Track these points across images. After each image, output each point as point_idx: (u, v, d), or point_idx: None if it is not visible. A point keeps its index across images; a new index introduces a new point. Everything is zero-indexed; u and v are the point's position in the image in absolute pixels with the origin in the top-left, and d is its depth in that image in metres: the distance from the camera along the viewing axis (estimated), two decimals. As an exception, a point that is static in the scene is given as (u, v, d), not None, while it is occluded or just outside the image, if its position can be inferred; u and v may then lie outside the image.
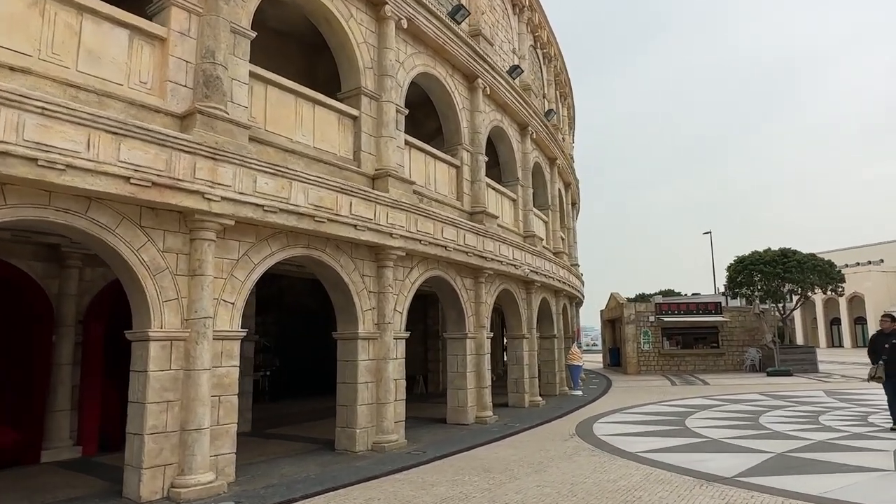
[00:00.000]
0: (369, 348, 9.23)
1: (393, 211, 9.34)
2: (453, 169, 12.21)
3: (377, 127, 9.75)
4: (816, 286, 24.14)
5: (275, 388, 18.12)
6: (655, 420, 11.67)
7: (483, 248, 11.96)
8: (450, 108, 12.37)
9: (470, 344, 11.97)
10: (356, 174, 9.25)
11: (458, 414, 11.74)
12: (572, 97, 24.78)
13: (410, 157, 10.88)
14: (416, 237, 9.86)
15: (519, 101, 14.81)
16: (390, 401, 9.26)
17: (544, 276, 15.61)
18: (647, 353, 27.57)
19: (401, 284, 10.04)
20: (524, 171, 15.67)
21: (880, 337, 9.88)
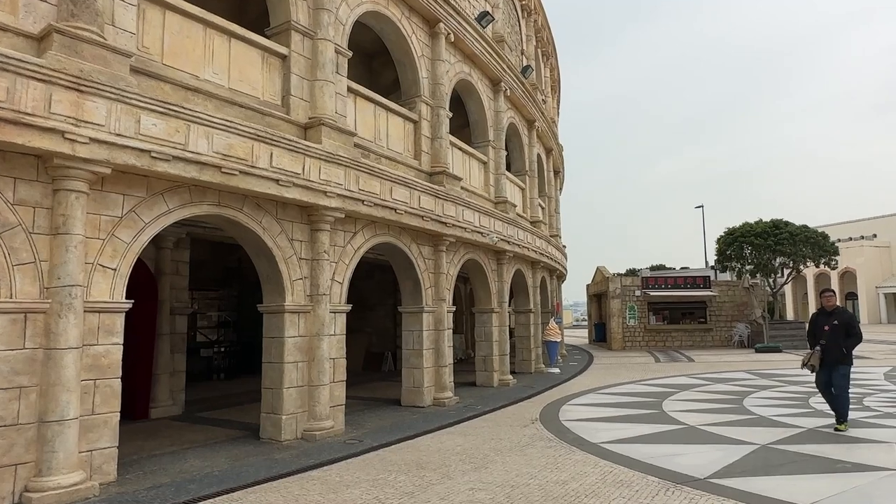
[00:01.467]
0: (299, 323, 8.05)
1: (328, 165, 8.08)
2: (410, 124, 10.91)
3: (311, 69, 8.43)
4: (809, 259, 23.08)
5: (234, 365, 16.98)
6: (630, 402, 10.62)
7: (443, 213, 10.73)
8: (406, 56, 11.01)
9: (427, 318, 10.82)
10: (284, 122, 7.96)
11: (413, 395, 10.64)
12: (556, 58, 23.31)
13: (356, 107, 9.57)
14: (359, 197, 8.62)
15: (490, 52, 13.43)
16: (324, 383, 8.12)
17: (517, 246, 14.42)
18: (632, 328, 26.61)
19: (341, 251, 8.82)
20: (496, 131, 14.37)
21: (820, 317, 8.06)
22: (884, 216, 58.28)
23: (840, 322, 7.77)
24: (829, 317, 7.90)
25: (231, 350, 17.16)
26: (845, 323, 7.76)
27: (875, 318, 53.50)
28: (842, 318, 7.82)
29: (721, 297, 26.60)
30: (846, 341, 7.69)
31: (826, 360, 7.79)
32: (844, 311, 8.00)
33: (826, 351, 7.78)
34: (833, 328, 7.77)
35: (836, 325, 7.76)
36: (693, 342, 26.37)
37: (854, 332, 7.75)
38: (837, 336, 7.72)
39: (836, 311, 7.90)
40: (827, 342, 7.75)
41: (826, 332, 7.80)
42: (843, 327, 7.73)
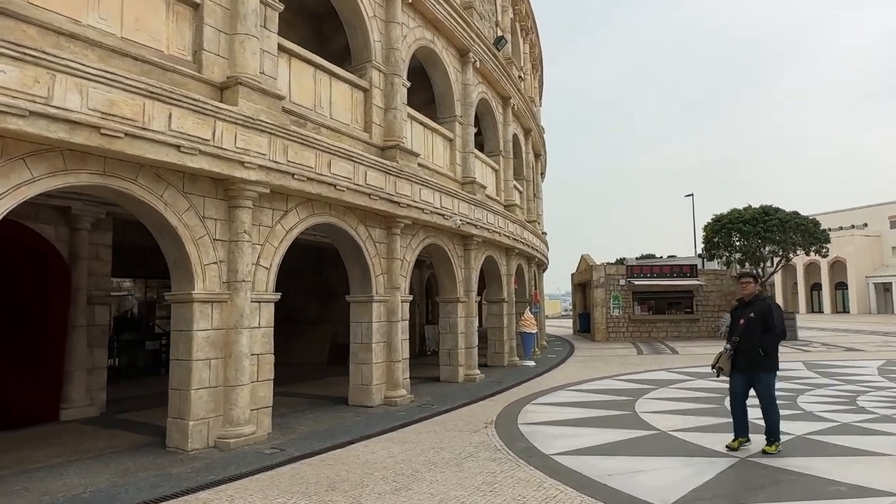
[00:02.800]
0: (212, 314, 6.96)
1: (246, 132, 6.95)
2: (359, 92, 9.78)
3: (231, 20, 7.27)
4: (799, 247, 22.17)
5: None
6: (601, 401, 9.63)
7: (395, 191, 9.63)
8: (355, 16, 9.85)
9: (378, 309, 9.75)
10: (193, 80, 6.82)
11: (360, 394, 9.60)
12: (536, 33, 22.13)
13: (291, 69, 8.44)
14: (287, 170, 7.51)
15: (455, 18, 12.28)
16: (243, 382, 7.04)
17: (487, 231, 13.36)
18: (616, 318, 25.66)
19: (268, 232, 7.72)
20: (464, 106, 13.25)
21: (738, 308, 6.43)
22: (874, 205, 57.65)
23: (756, 314, 6.02)
24: (745, 308, 6.24)
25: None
26: (762, 314, 5.99)
27: (865, 308, 53.02)
28: (758, 309, 6.06)
29: (708, 286, 25.69)
30: (762, 339, 5.97)
31: (738, 362, 6.11)
32: (764, 299, 6.21)
33: (740, 352, 6.09)
34: (749, 322, 6.05)
35: (752, 319, 6.03)
36: (679, 333, 25.48)
37: (771, 325, 5.94)
38: (753, 332, 6.01)
39: (755, 301, 6.19)
40: (741, 340, 6.09)
41: (741, 326, 6.11)
42: (760, 320, 5.99)
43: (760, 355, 5.97)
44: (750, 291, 6.29)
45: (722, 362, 6.31)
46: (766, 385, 6.07)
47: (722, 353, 6.30)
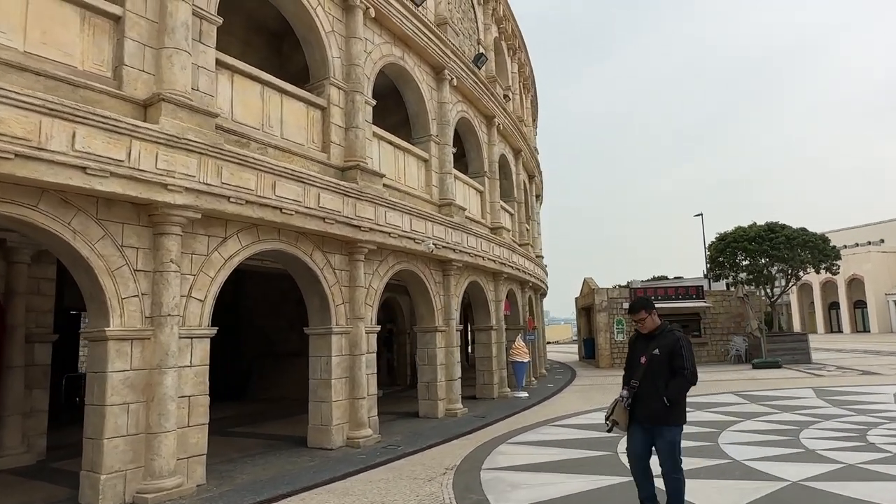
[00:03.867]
0: (132, 353, 6.27)
1: (170, 152, 6.35)
2: (315, 110, 9.21)
3: (158, 34, 6.74)
4: (808, 265, 21.17)
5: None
6: (584, 439, 8.76)
7: (355, 214, 8.98)
8: (311, 31, 9.34)
9: (338, 342, 9.03)
10: (111, 97, 6.26)
11: (319, 435, 8.82)
12: (526, 53, 21.65)
13: (233, 86, 7.89)
14: (222, 192, 6.88)
15: (426, 34, 11.76)
16: (167, 429, 6.31)
17: (469, 255, 12.64)
18: (620, 343, 24.62)
19: (203, 260, 7.07)
20: (441, 125, 12.66)
21: (638, 342, 4.95)
22: (890, 220, 56.16)
23: (662, 351, 4.61)
24: (647, 343, 4.76)
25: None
26: (668, 352, 4.59)
27: (885, 327, 51.20)
28: (664, 345, 4.63)
29: (715, 308, 24.64)
30: (670, 384, 4.54)
31: (638, 413, 4.65)
32: (672, 331, 4.76)
33: (639, 399, 4.65)
34: (652, 362, 4.62)
35: (656, 358, 4.61)
36: (687, 358, 24.33)
37: (680, 367, 4.54)
38: (657, 374, 4.57)
39: (660, 334, 4.72)
40: (641, 384, 4.65)
41: (641, 366, 4.69)
42: (666, 359, 4.59)
43: (665, 405, 4.49)
44: (649, 327, 4.76)
45: (617, 414, 4.76)
46: (668, 442, 4.56)
47: (617, 402, 4.79)
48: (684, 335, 4.76)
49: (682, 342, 4.63)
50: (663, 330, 4.76)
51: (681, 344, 4.62)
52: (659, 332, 4.74)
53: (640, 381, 4.67)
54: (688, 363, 4.55)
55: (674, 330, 4.76)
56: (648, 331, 4.77)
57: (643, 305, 4.80)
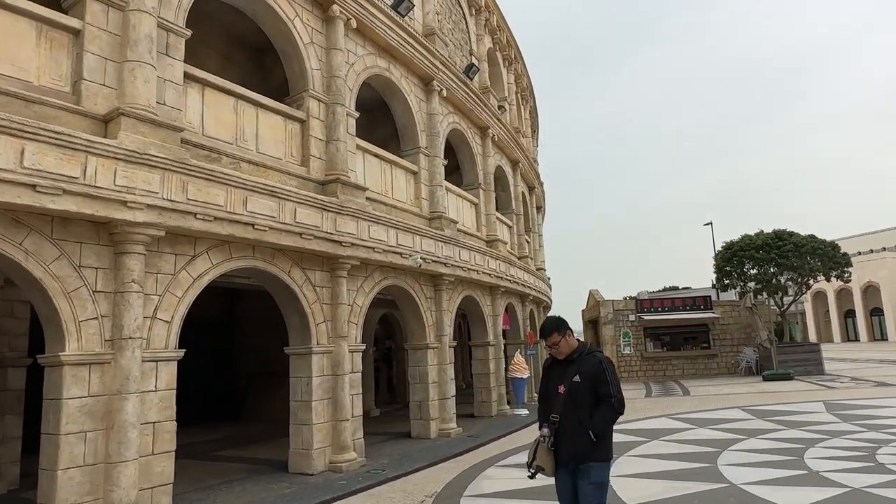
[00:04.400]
0: (90, 378, 5.99)
1: (130, 167, 6.11)
2: (294, 123, 8.98)
3: (120, 47, 6.53)
4: (819, 272, 20.59)
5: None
6: (577, 460, 8.32)
7: (335, 229, 8.70)
8: (289, 43, 9.15)
9: (319, 361, 8.70)
10: (68, 113, 6.04)
11: (300, 460, 8.47)
12: (523, 63, 21.43)
13: (203, 100, 7.67)
14: (188, 209, 6.62)
15: (412, 45, 11.55)
16: (128, 458, 6.00)
17: (461, 269, 12.31)
18: (628, 357, 24.13)
19: (169, 280, 6.80)
20: (430, 136, 12.41)
21: (553, 369, 4.13)
22: (905, 226, 55.08)
23: (584, 377, 3.85)
24: (565, 369, 3.97)
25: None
26: (591, 377, 3.84)
27: (904, 336, 49.96)
28: (586, 370, 3.87)
29: (724, 318, 24.06)
30: (595, 415, 3.79)
31: (562, 453, 3.84)
32: (593, 353, 4.00)
33: (561, 436, 3.85)
34: (572, 391, 3.85)
35: (577, 385, 3.85)
36: (696, 370, 23.77)
37: (606, 394, 3.79)
38: (580, 405, 3.81)
39: (579, 358, 3.95)
40: (562, 419, 3.86)
41: (560, 397, 3.90)
42: (589, 386, 3.83)
43: (591, 440, 3.74)
44: (565, 349, 3.98)
45: (541, 458, 3.89)
46: (595, 484, 3.80)
47: (539, 443, 3.93)
48: (607, 357, 4.02)
49: (605, 366, 3.88)
50: (582, 353, 3.97)
51: (604, 368, 3.85)
52: (577, 356, 3.96)
53: (560, 415, 3.85)
54: (614, 390, 3.80)
55: (594, 352, 4.01)
56: (564, 355, 4.00)
57: (555, 326, 4.01)
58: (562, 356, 4.01)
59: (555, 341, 4.00)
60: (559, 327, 4.02)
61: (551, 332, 4.01)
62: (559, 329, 4.00)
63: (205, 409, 15.88)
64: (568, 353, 3.99)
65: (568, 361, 3.99)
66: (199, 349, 16.35)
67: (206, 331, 16.81)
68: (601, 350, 4.28)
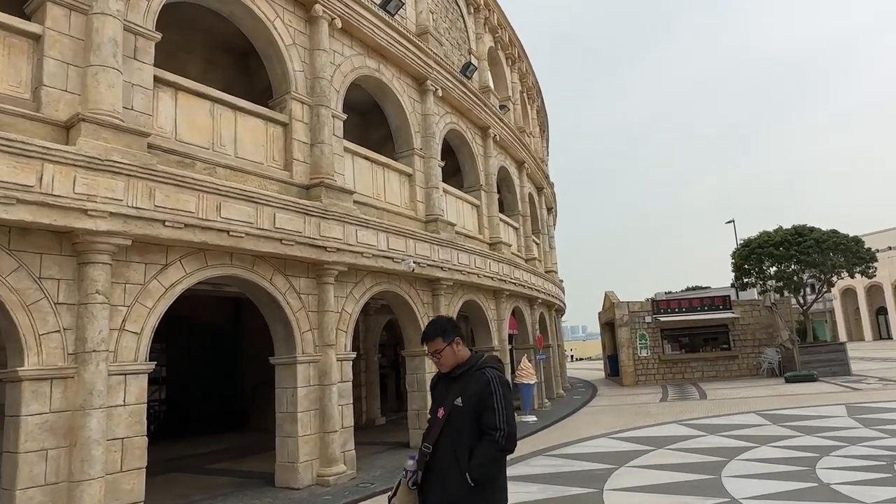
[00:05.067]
0: (51, 394, 5.77)
1: (92, 175, 5.91)
2: (276, 126, 8.75)
3: (84, 52, 6.36)
4: (841, 269, 19.76)
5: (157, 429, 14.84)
6: (572, 473, 7.91)
7: (320, 234, 8.43)
8: (270, 45, 8.94)
9: (305, 371, 8.42)
10: (28, 120, 5.88)
11: (286, 473, 8.20)
12: (528, 62, 21.02)
13: (177, 104, 7.47)
14: (156, 216, 6.41)
15: (403, 44, 11.27)
16: (92, 476, 5.77)
17: (460, 273, 11.96)
18: (644, 359, 23.46)
19: (139, 290, 6.58)
20: (425, 137, 12.11)
21: (439, 386, 3.21)
22: (937, 219, 53.07)
23: (468, 401, 2.95)
24: (449, 387, 3.12)
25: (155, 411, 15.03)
26: (476, 401, 2.93)
27: (938, 333, 48.14)
28: (470, 391, 2.97)
29: (745, 318, 23.28)
30: (475, 454, 2.87)
31: (430, 496, 2.96)
32: (482, 369, 3.03)
33: (432, 474, 2.96)
34: (452, 415, 2.98)
35: (459, 410, 2.96)
36: (717, 372, 23.02)
37: (492, 425, 2.88)
38: (459, 437, 2.93)
39: (465, 374, 3.06)
40: (435, 451, 2.99)
41: (438, 422, 3.04)
42: (474, 412, 2.93)
43: (467, 485, 2.83)
44: (448, 362, 3.10)
45: (400, 499, 3.02)
46: None
47: (398, 482, 3.07)
48: (501, 375, 3.01)
49: (495, 386, 2.90)
50: (471, 367, 3.04)
51: (493, 389, 2.89)
52: (463, 372, 3.05)
53: (433, 447, 2.96)
54: (501, 420, 2.85)
55: (486, 367, 3.02)
56: (449, 368, 3.11)
57: (439, 330, 3.11)
58: (445, 369, 3.12)
59: (437, 349, 3.08)
60: (445, 332, 3.11)
61: (433, 338, 3.10)
62: (445, 334, 3.09)
63: (210, 418, 15.78)
64: (453, 365, 3.09)
65: (453, 378, 3.08)
66: (205, 358, 16.50)
67: (212, 340, 16.77)
68: (500, 364, 3.17)
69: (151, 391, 15.53)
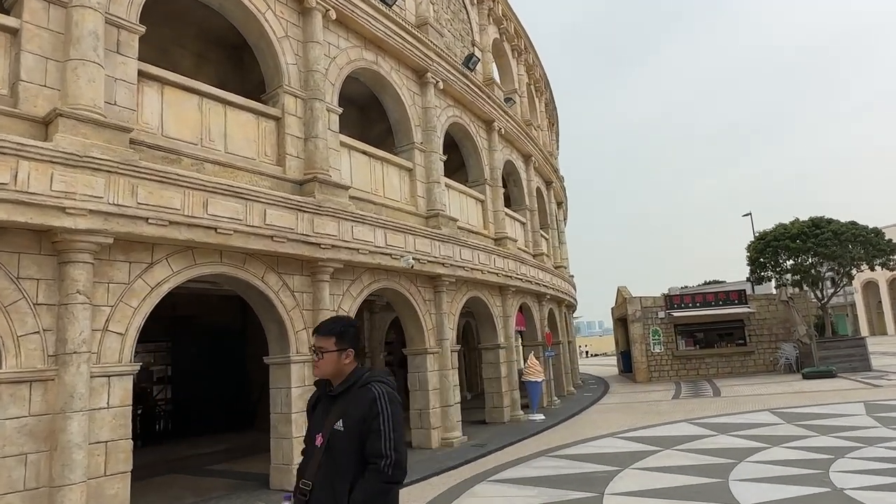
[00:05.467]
0: (31, 397, 5.63)
1: (71, 171, 5.76)
2: (268, 121, 8.55)
3: (63, 46, 6.20)
4: (861, 261, 19.17)
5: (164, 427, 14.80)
6: (574, 475, 7.64)
7: (313, 231, 8.23)
8: (261, 38, 8.73)
9: (299, 371, 8.23)
10: (6, 117, 5.72)
11: (281, 475, 8.01)
12: (535, 54, 20.61)
13: (163, 99, 7.29)
14: (138, 213, 6.24)
15: (402, 36, 11.01)
16: (73, 481, 5.61)
17: (462, 269, 11.71)
18: (657, 355, 23.04)
19: (123, 289, 6.41)
20: (426, 131, 11.86)
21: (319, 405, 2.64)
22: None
23: (351, 423, 2.41)
24: (329, 407, 2.56)
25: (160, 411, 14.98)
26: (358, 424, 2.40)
27: (965, 327, 46.91)
28: (353, 414, 2.43)
29: (761, 313, 22.74)
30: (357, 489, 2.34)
31: None
32: (368, 387, 2.49)
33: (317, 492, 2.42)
34: (332, 443, 2.43)
35: (340, 436, 2.41)
36: (732, 368, 22.53)
37: (377, 454, 2.36)
38: (338, 468, 2.40)
39: (349, 390, 2.52)
40: (314, 488, 2.43)
41: (318, 450, 2.48)
42: (357, 437, 2.39)
43: None
44: (327, 370, 2.56)
45: None
46: None
47: None
48: (391, 391, 2.49)
49: (383, 405, 2.41)
50: (355, 383, 2.51)
51: (380, 409, 2.40)
52: (346, 389, 2.51)
53: (312, 483, 2.44)
54: (388, 446, 2.36)
55: (372, 383, 2.49)
56: (324, 375, 2.57)
57: (336, 330, 2.56)
58: (319, 374, 2.59)
59: (324, 347, 2.52)
60: (342, 336, 2.55)
61: (327, 334, 2.55)
62: (342, 338, 2.54)
63: (215, 418, 15.71)
64: (331, 375, 2.55)
65: (333, 396, 2.54)
66: (211, 358, 16.42)
67: (218, 339, 16.69)
68: (390, 378, 2.60)
69: (157, 390, 15.62)
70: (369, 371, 2.61)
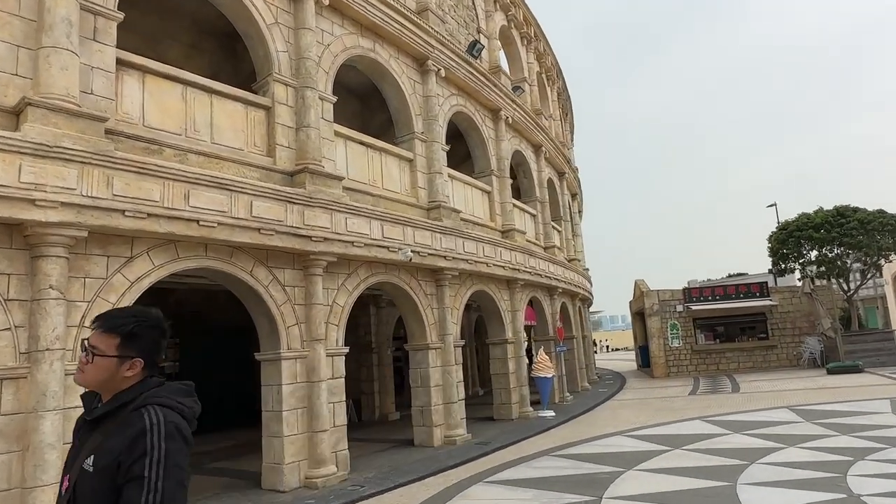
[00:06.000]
0: (1, 395, 5.46)
1: (39, 162, 5.57)
2: (258, 111, 8.29)
3: (36, 33, 6.00)
4: (889, 251, 18.37)
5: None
6: (576, 476, 7.29)
7: (304, 223, 7.96)
8: (251, 25, 8.46)
9: (290, 368, 8.00)
10: (-29, 106, 5.54)
11: (272, 475, 7.80)
12: (546, 41, 20.10)
13: (145, 88, 7.05)
14: (114, 206, 6.02)
15: (400, 22, 10.66)
16: (45, 482, 5.42)
17: (466, 262, 11.36)
18: (676, 350, 22.45)
19: (101, 284, 6.20)
20: (427, 121, 11.52)
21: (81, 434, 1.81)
22: None
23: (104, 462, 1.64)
24: (87, 436, 1.77)
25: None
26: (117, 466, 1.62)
27: None
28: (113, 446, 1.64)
29: (784, 306, 21.99)
30: None
31: None
32: (140, 412, 1.68)
33: None
34: (80, 487, 1.68)
35: (88, 478, 1.66)
36: (753, 363, 21.84)
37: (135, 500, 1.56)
38: None
39: (116, 415, 1.73)
40: None
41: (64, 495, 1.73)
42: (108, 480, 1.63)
43: None
44: (91, 377, 1.77)
45: None
46: None
47: None
48: (176, 421, 1.73)
49: (155, 439, 1.64)
50: (127, 402, 1.74)
51: (150, 445, 1.63)
52: (112, 411, 1.75)
53: None
54: (154, 496, 1.59)
55: (151, 405, 1.72)
56: (91, 387, 1.81)
57: (117, 325, 1.80)
58: (82, 383, 1.80)
59: (95, 347, 1.76)
60: (127, 335, 1.78)
61: (105, 330, 1.78)
62: (126, 337, 1.78)
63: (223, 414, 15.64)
64: (98, 387, 1.80)
65: (94, 421, 1.78)
66: (219, 354, 16.35)
67: (225, 336, 16.61)
68: (187, 398, 1.86)
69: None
70: (159, 386, 1.80)
